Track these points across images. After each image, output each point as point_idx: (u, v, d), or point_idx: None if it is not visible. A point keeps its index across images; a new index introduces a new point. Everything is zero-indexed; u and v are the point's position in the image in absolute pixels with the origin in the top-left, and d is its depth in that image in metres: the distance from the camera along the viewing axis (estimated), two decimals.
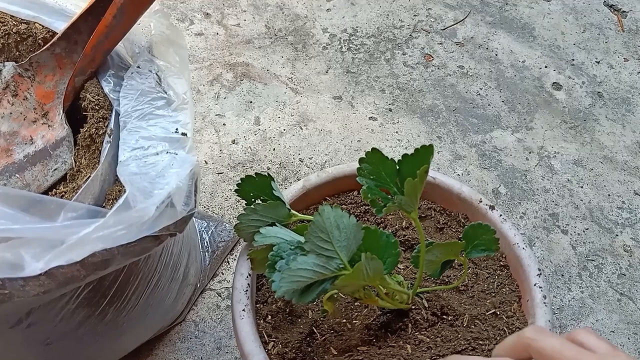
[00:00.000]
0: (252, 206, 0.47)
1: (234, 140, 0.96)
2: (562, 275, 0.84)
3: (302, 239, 0.43)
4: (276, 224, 0.47)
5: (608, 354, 0.36)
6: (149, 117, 0.50)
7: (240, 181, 0.49)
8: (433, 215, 0.59)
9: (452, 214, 0.59)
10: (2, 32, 0.55)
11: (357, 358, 0.47)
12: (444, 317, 0.51)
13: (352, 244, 0.41)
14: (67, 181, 0.53)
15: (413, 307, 0.50)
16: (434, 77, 1.10)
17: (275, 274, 0.41)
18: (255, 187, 0.49)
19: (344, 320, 0.50)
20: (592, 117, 1.06)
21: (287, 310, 0.51)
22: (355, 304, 0.51)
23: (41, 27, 0.56)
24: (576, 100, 1.09)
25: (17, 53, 0.57)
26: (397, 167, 0.45)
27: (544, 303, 0.50)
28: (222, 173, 0.91)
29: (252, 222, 0.47)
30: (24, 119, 0.55)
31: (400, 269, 0.54)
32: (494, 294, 0.53)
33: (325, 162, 0.94)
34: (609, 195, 0.94)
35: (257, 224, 0.47)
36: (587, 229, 0.90)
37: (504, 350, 0.40)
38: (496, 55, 1.15)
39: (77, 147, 0.54)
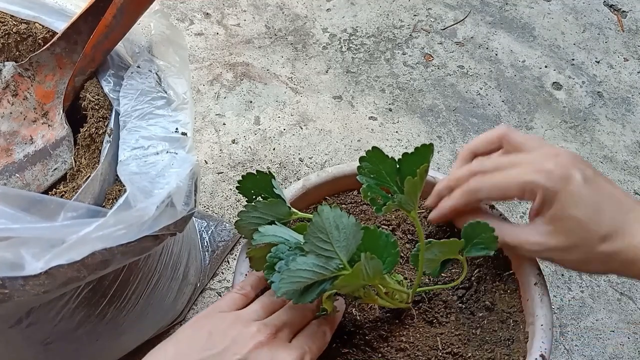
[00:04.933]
0: (253, 203, 0.47)
1: (234, 140, 0.96)
2: (562, 274, 0.84)
3: (301, 238, 0.43)
4: (275, 222, 0.47)
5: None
6: (149, 117, 0.50)
7: (241, 178, 0.49)
8: None
9: None
10: (2, 32, 0.55)
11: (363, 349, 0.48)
12: (445, 315, 0.51)
13: (351, 243, 0.41)
14: (67, 181, 0.53)
15: (413, 305, 0.50)
16: (434, 76, 1.10)
17: (275, 274, 0.41)
18: (256, 185, 0.49)
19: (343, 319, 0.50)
20: (592, 117, 1.06)
21: None
22: (355, 302, 0.51)
23: (41, 27, 0.56)
24: (576, 100, 1.09)
25: (17, 53, 0.57)
26: (398, 166, 0.45)
27: (544, 302, 0.50)
28: (222, 173, 0.91)
29: (252, 220, 0.47)
30: (24, 119, 0.55)
31: (400, 263, 0.54)
32: (493, 293, 0.53)
33: (325, 161, 0.94)
34: None
35: (257, 221, 0.47)
36: None
37: (481, 141, 0.52)
38: (496, 55, 1.15)
39: (77, 147, 0.54)
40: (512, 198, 0.47)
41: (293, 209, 0.49)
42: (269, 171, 0.49)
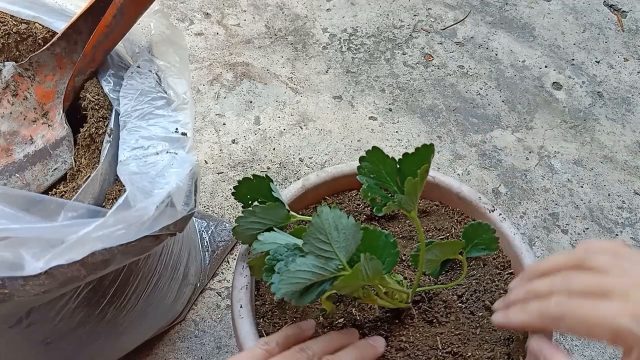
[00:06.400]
0: (250, 208, 0.47)
1: (234, 140, 0.96)
2: None
3: (300, 242, 0.43)
4: (274, 228, 0.47)
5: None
6: (149, 117, 0.50)
7: (237, 183, 0.48)
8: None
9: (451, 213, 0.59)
10: (2, 32, 0.55)
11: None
12: (444, 314, 0.51)
13: (351, 244, 0.41)
14: (67, 181, 0.53)
15: (413, 305, 0.50)
16: (434, 76, 1.10)
17: (275, 275, 0.41)
18: (253, 190, 0.49)
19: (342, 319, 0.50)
20: (592, 117, 1.06)
21: (286, 308, 0.51)
22: (354, 302, 0.51)
23: (41, 27, 0.56)
24: (576, 100, 1.09)
25: (17, 53, 0.57)
26: (398, 166, 0.45)
27: None
28: (222, 173, 0.91)
29: (250, 225, 0.47)
30: (24, 119, 0.55)
31: (401, 259, 0.54)
32: (493, 293, 0.53)
33: (326, 161, 0.94)
34: (609, 194, 0.94)
35: (255, 227, 0.47)
36: (587, 228, 0.90)
37: (554, 263, 0.43)
38: (496, 55, 1.15)
39: (77, 147, 0.54)
40: (598, 340, 0.38)
41: (292, 212, 0.49)
42: (267, 174, 0.48)
